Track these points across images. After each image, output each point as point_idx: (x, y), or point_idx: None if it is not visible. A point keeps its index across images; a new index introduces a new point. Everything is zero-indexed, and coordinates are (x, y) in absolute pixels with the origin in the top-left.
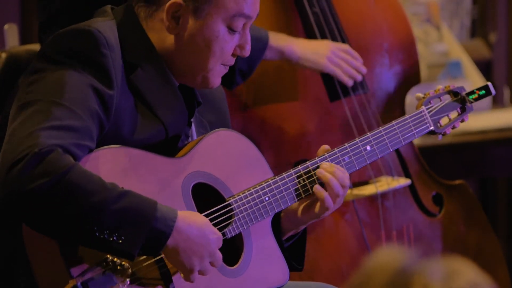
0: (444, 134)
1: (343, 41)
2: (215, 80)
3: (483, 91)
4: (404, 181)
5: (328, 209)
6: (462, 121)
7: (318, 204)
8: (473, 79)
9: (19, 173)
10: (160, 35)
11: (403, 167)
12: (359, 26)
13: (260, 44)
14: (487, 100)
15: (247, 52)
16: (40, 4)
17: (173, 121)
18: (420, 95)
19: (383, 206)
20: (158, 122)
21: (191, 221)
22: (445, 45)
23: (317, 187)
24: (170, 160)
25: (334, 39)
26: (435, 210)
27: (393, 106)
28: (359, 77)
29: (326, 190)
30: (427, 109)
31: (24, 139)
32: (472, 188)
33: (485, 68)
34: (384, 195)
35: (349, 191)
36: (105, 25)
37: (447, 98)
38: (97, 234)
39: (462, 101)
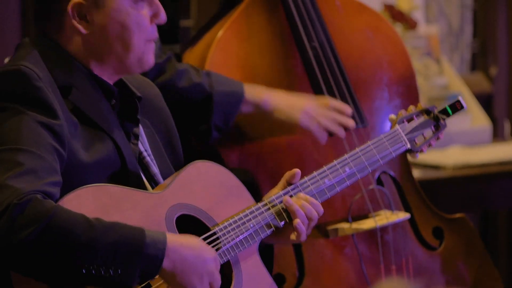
0: (421, 152)
1: (342, 74)
2: (149, 57)
3: (455, 107)
4: (403, 215)
5: (300, 235)
6: (438, 138)
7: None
8: (473, 113)
9: (4, 226)
10: (77, 42)
11: (403, 200)
12: (358, 59)
13: (234, 99)
14: (488, 133)
15: (162, 18)
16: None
17: (118, 129)
18: (393, 116)
19: (382, 240)
20: (104, 134)
21: (183, 240)
22: (445, 79)
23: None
24: (151, 194)
25: (332, 72)
26: (435, 244)
27: None
28: (340, 132)
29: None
30: (401, 127)
31: None
32: (473, 221)
33: (485, 101)
34: (383, 229)
35: (348, 225)
36: (30, 58)
37: (420, 117)
38: (93, 272)
39: (435, 119)
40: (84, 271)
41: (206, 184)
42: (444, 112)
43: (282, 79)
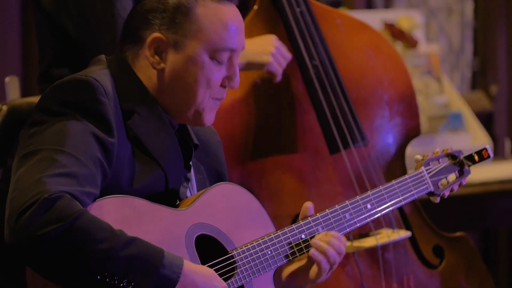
0: (442, 197)
1: (343, 93)
2: (208, 116)
3: (482, 155)
4: (404, 233)
5: (323, 273)
6: (460, 184)
7: (314, 268)
8: (474, 131)
9: (29, 219)
10: (148, 73)
11: (404, 219)
12: (359, 78)
13: None
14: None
15: (236, 83)
16: (40, 53)
17: (172, 165)
18: (419, 157)
19: (383, 258)
20: (157, 168)
21: (198, 269)
22: (446, 97)
23: (313, 253)
24: (174, 211)
25: (333, 91)
26: (436, 262)
27: (394, 158)
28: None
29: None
30: (426, 170)
31: (32, 186)
32: (473, 239)
33: (486, 120)
34: (384, 247)
35: (349, 243)
36: (101, 74)
37: (446, 161)
38: (107, 280)
39: (460, 164)
40: (98, 278)
41: (229, 206)
42: (469, 158)
43: (283, 96)
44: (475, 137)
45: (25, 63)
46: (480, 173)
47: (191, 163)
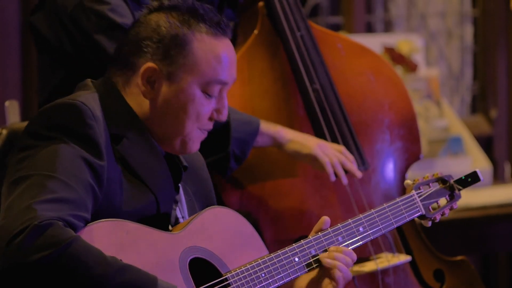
0: (434, 220)
1: (344, 116)
2: (194, 145)
3: (470, 178)
4: (404, 258)
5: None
6: (451, 208)
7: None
8: (474, 155)
9: (19, 245)
10: (138, 100)
11: (404, 243)
12: (360, 102)
13: (251, 129)
14: (488, 175)
15: (224, 116)
16: (40, 81)
17: (162, 188)
18: (409, 181)
19: (383, 283)
20: (147, 191)
21: None
22: (446, 121)
23: (327, 261)
24: (167, 234)
25: (334, 114)
26: (436, 286)
27: (394, 182)
28: (344, 178)
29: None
30: (417, 193)
31: (22, 212)
32: (474, 263)
33: (486, 144)
34: (384, 272)
35: None
36: (89, 97)
37: (436, 185)
38: None
39: (450, 188)
40: None
41: (222, 230)
42: (460, 182)
43: (284, 120)
44: (475, 161)
45: (25, 87)
46: (480, 197)
47: (179, 184)
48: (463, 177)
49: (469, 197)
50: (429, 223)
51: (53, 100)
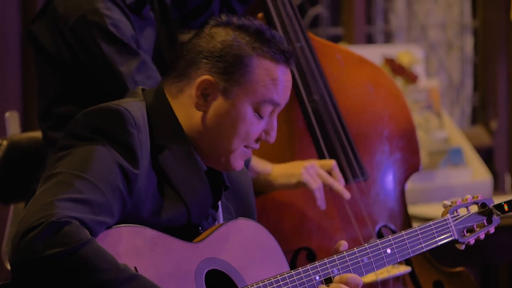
0: (468, 244)
1: (343, 128)
2: (238, 162)
3: (511, 206)
4: (404, 269)
5: None
6: (488, 233)
7: None
8: (474, 166)
9: (32, 239)
10: (189, 111)
11: None
12: (359, 113)
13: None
14: (489, 187)
15: (272, 138)
16: (39, 90)
17: (197, 204)
18: (447, 202)
19: None
20: (181, 204)
21: None
22: (446, 132)
23: None
24: (186, 244)
25: (333, 126)
26: None
27: (394, 193)
28: (322, 204)
29: None
30: (452, 217)
31: (43, 207)
32: (474, 274)
33: (486, 155)
34: (384, 282)
35: None
36: (134, 105)
37: (474, 209)
38: None
39: (489, 213)
40: None
41: (243, 243)
42: (499, 208)
43: (283, 132)
44: (475, 173)
45: (25, 98)
46: None
47: (219, 203)
48: (503, 203)
49: None
50: (463, 247)
51: (52, 110)
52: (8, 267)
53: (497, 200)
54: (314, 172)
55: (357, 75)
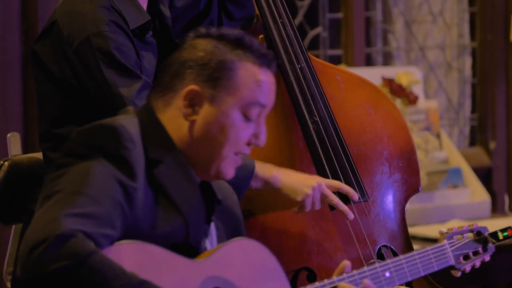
0: (464, 271)
1: (343, 148)
2: (229, 170)
3: (506, 233)
4: None
5: None
6: (483, 260)
7: None
8: (473, 187)
9: (40, 254)
10: (178, 123)
11: None
12: (359, 134)
13: (245, 173)
14: (487, 207)
15: (261, 141)
16: (40, 113)
17: (194, 216)
18: (444, 230)
19: None
20: (179, 217)
21: None
22: (445, 153)
23: None
24: (190, 261)
25: (333, 146)
26: None
27: (394, 214)
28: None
29: None
30: (449, 243)
31: (47, 224)
32: None
33: (484, 175)
34: None
35: None
36: (128, 121)
37: (470, 236)
38: None
39: (484, 241)
40: None
41: (246, 262)
42: (494, 236)
43: (283, 153)
44: (474, 193)
45: (26, 119)
46: None
47: (212, 217)
48: (498, 231)
49: None
50: (459, 274)
51: (53, 131)
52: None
53: (495, 221)
54: (319, 194)
55: (357, 96)
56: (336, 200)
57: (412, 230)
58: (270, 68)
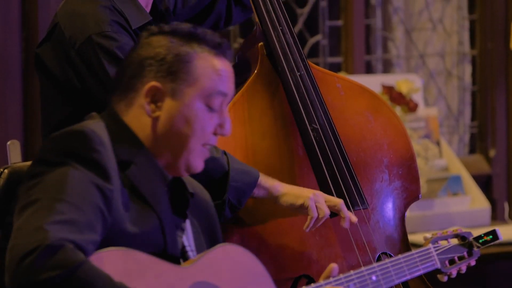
0: (449, 276)
1: (343, 156)
2: (198, 163)
3: (491, 236)
4: None
5: None
6: (469, 265)
7: None
8: (473, 195)
9: (31, 264)
10: (142, 121)
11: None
12: (359, 141)
13: (250, 179)
14: (487, 215)
15: (227, 130)
16: (44, 116)
17: (167, 213)
18: (428, 235)
19: None
20: (153, 215)
21: None
22: (445, 161)
23: None
24: (177, 268)
25: (333, 154)
26: None
27: (393, 221)
28: (308, 229)
29: None
30: (434, 247)
31: (33, 233)
32: None
33: (484, 183)
34: None
35: None
36: (96, 125)
37: (455, 241)
38: None
39: (469, 245)
40: None
41: (233, 268)
42: (478, 240)
43: (283, 160)
44: (474, 201)
45: (26, 127)
46: None
47: (187, 211)
48: (482, 235)
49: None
50: (445, 278)
51: None
52: None
53: (495, 228)
54: (321, 198)
55: (357, 104)
56: (340, 204)
57: (412, 238)
58: (226, 57)
